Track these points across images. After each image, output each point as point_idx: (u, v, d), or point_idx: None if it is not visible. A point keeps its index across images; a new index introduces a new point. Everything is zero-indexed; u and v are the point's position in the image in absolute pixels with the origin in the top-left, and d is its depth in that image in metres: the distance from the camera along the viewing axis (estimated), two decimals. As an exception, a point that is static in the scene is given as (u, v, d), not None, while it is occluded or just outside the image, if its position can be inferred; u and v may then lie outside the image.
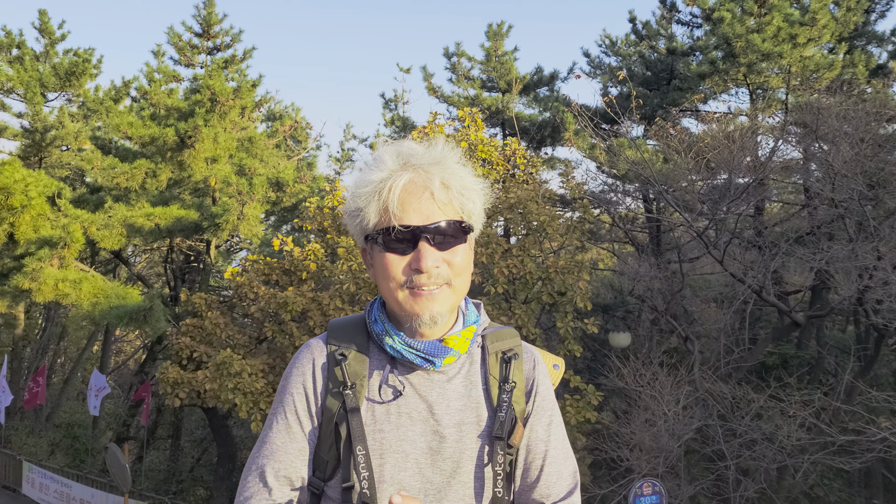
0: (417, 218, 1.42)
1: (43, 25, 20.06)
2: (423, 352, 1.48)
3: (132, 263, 23.22)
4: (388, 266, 1.44)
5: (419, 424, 1.50)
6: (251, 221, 12.24)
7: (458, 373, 1.55)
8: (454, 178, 1.47)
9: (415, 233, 1.42)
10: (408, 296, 1.44)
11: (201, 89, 13.69)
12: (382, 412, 1.49)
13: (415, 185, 1.43)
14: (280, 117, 20.49)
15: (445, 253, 1.44)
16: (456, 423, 1.51)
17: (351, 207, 1.50)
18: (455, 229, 1.45)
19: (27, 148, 19.26)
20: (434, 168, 1.46)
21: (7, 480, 17.66)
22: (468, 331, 1.54)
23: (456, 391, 1.53)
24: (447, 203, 1.45)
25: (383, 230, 1.43)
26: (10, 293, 12.15)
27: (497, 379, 1.56)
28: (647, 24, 17.62)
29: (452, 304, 1.49)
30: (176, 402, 12.15)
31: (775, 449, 10.45)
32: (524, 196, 11.59)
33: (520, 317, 11.07)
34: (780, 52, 13.30)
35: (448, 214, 1.44)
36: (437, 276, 1.44)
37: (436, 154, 1.48)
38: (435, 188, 1.43)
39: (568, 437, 6.09)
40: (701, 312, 15.36)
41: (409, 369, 1.52)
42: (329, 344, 1.55)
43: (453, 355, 1.51)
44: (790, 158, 13.51)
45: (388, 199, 1.42)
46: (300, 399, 1.52)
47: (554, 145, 18.21)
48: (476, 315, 1.60)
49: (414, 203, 1.42)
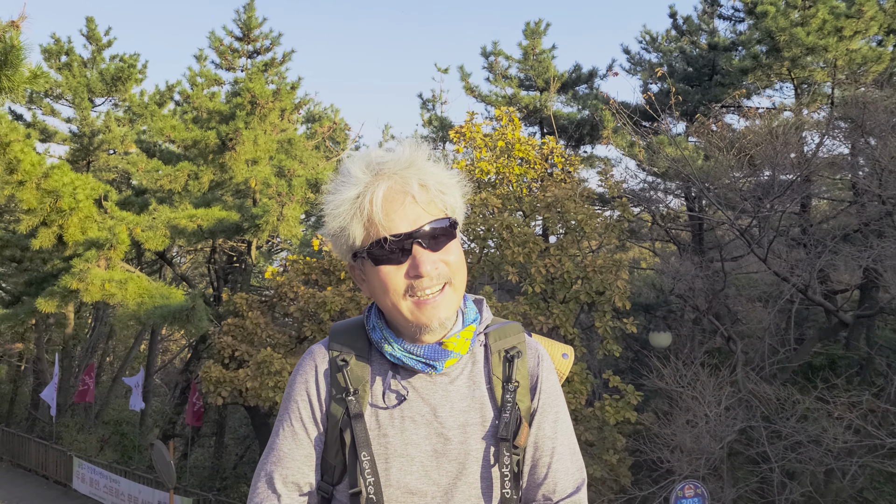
0: (405, 224, 1.40)
1: (90, 32, 20.58)
2: (423, 357, 1.48)
3: (177, 264, 23.67)
4: (386, 279, 1.43)
5: (423, 427, 1.49)
6: (290, 222, 12.37)
7: (461, 374, 1.54)
8: (430, 177, 1.45)
9: (406, 240, 1.40)
10: (412, 307, 1.43)
11: (242, 92, 13.89)
12: (386, 417, 1.50)
13: (394, 192, 1.42)
14: (319, 119, 20.71)
15: (440, 253, 1.44)
16: (460, 424, 1.51)
17: (333, 228, 1.47)
18: (443, 228, 1.44)
19: (76, 152, 19.77)
20: (408, 171, 1.44)
21: (59, 476, 18.15)
22: (467, 331, 1.53)
23: (459, 392, 1.53)
24: (429, 203, 1.44)
25: (374, 244, 1.42)
26: (60, 293, 12.46)
27: (500, 378, 1.55)
28: (688, 19, 17.37)
29: (457, 304, 1.49)
30: (218, 401, 12.36)
31: (822, 451, 10.20)
32: (561, 195, 11.51)
33: (558, 316, 11.01)
34: (825, 45, 12.98)
35: (433, 214, 1.43)
36: (437, 276, 1.43)
37: (406, 157, 1.45)
38: (414, 191, 1.42)
39: (608, 437, 6.08)
40: (745, 312, 15.08)
41: (412, 373, 1.52)
42: (331, 349, 1.55)
43: (454, 357, 1.50)
44: (837, 154, 13.20)
45: (370, 212, 1.41)
46: (305, 406, 1.53)
47: (593, 143, 18.06)
48: (475, 313, 1.59)
49: (398, 210, 1.41)
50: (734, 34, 16.74)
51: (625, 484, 11.04)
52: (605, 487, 11.02)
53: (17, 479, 18.61)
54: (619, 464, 11.00)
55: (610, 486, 11.05)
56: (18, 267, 18.41)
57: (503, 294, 14.64)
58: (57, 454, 18.27)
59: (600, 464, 10.85)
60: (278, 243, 22.56)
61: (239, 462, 20.55)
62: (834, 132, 12.87)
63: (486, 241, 12.12)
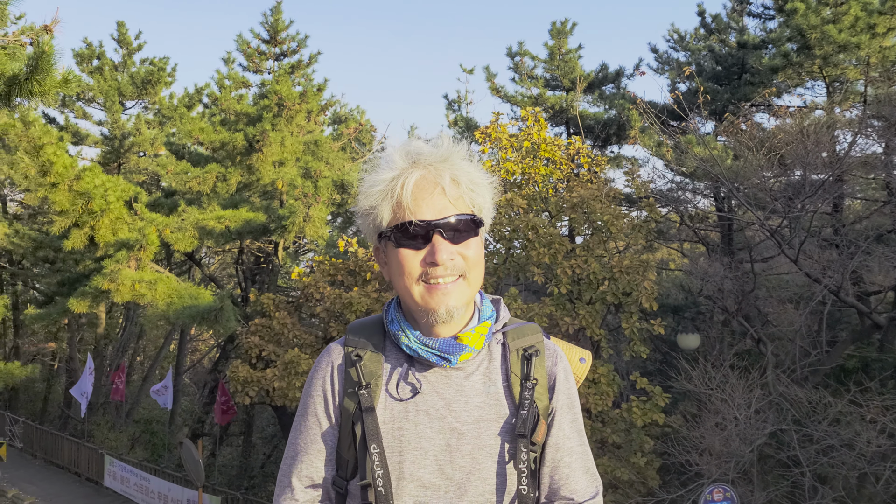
0: (430, 213, 1.46)
1: (121, 36, 20.90)
2: (438, 349, 1.51)
3: (206, 265, 23.93)
4: (403, 261, 1.48)
5: (437, 422, 1.51)
6: (317, 223, 12.46)
7: (477, 369, 1.57)
8: (463, 174, 1.50)
9: (428, 227, 1.45)
10: (423, 291, 1.48)
11: (269, 94, 14.00)
12: (401, 410, 1.52)
13: (426, 181, 1.47)
14: (345, 120, 20.80)
15: (459, 246, 1.48)
16: (474, 419, 1.52)
17: (364, 206, 1.54)
18: (467, 223, 1.49)
19: (107, 154, 20.09)
20: (442, 165, 1.49)
21: (90, 473, 18.43)
22: (483, 326, 1.56)
23: (474, 388, 1.55)
24: (458, 198, 1.49)
25: (397, 226, 1.47)
26: (91, 294, 12.67)
27: (518, 376, 1.57)
28: (716, 17, 17.17)
29: (468, 297, 1.51)
30: (246, 400, 12.46)
31: (855, 456, 10.01)
32: (587, 195, 11.44)
33: (584, 317, 10.94)
34: (857, 42, 12.75)
35: (459, 209, 1.48)
36: (453, 267, 1.47)
37: (443, 151, 1.51)
38: (445, 184, 1.47)
39: (635, 440, 6.04)
40: (776, 314, 14.85)
41: (427, 367, 1.54)
42: (347, 346, 1.60)
43: (469, 352, 1.53)
44: (870, 153, 12.95)
45: (400, 196, 1.47)
46: (320, 402, 1.58)
47: (620, 143, 17.92)
48: (491, 310, 1.62)
49: (426, 199, 1.46)
50: (764, 32, 16.52)
51: (653, 487, 10.94)
52: (632, 490, 10.93)
53: (50, 475, 18.94)
54: (647, 466, 10.90)
55: (637, 488, 10.95)
56: (52, 268, 18.76)
57: (529, 295, 14.59)
58: (89, 452, 18.56)
59: (628, 466, 10.76)
60: (305, 244, 22.72)
61: (266, 461, 20.71)
62: (867, 131, 12.63)
63: (512, 242, 12.08)
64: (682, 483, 11.09)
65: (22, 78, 4.90)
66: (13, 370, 12.21)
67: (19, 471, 18.46)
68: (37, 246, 17.13)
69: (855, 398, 10.56)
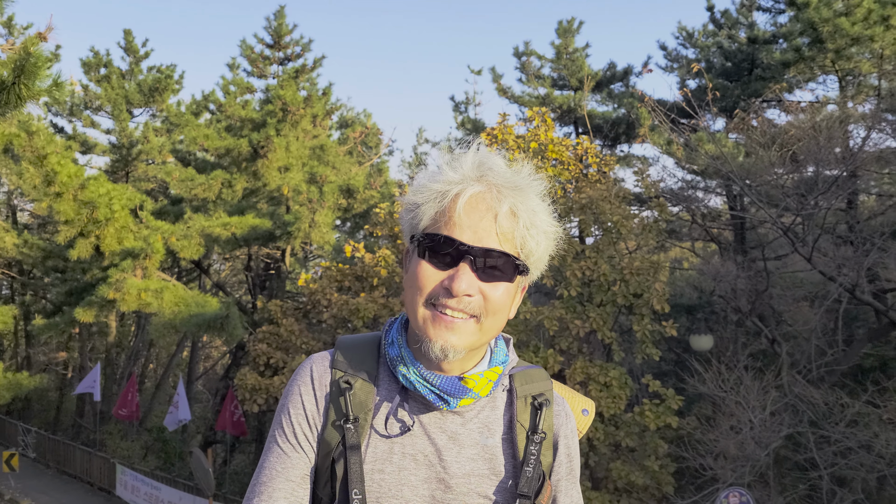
0: (469, 236, 1.26)
1: (128, 45, 20.92)
2: (437, 388, 1.31)
3: (216, 271, 23.93)
4: (421, 276, 1.29)
5: (424, 469, 1.32)
6: (322, 228, 12.35)
7: (476, 416, 1.37)
8: (525, 210, 1.30)
9: (460, 250, 1.26)
10: (428, 316, 1.28)
11: (273, 100, 13.94)
12: (385, 450, 1.33)
13: (481, 201, 1.28)
14: (351, 124, 20.73)
15: (485, 284, 1.27)
16: (465, 472, 1.33)
17: (410, 200, 1.35)
18: (505, 263, 1.28)
19: (115, 163, 20.12)
20: (509, 191, 1.29)
21: (102, 482, 18.43)
22: (493, 372, 1.37)
23: (470, 437, 1.36)
24: (508, 233, 1.28)
25: (431, 235, 1.29)
26: (98, 303, 12.64)
27: (525, 427, 1.38)
28: (725, 12, 16.96)
29: (474, 342, 1.30)
30: (254, 408, 12.38)
31: (873, 457, 9.81)
32: (596, 196, 11.28)
33: (595, 320, 10.78)
34: (871, 35, 12.52)
35: (504, 245, 1.28)
36: (468, 304, 1.27)
37: (517, 178, 1.32)
38: (501, 212, 1.27)
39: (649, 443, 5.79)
40: (790, 313, 14.63)
41: (422, 405, 1.35)
42: (335, 368, 1.39)
43: (472, 397, 1.34)
44: (885, 147, 12.72)
45: (449, 206, 1.28)
46: (298, 424, 1.36)
47: (629, 142, 17.74)
48: (506, 354, 1.42)
49: (473, 220, 1.27)
50: (774, 26, 16.30)
51: (667, 491, 10.77)
52: (646, 495, 10.76)
53: (63, 485, 18.96)
54: (662, 470, 10.73)
55: (652, 493, 10.78)
56: (61, 277, 18.78)
57: (539, 298, 14.43)
58: (101, 461, 18.56)
59: (642, 470, 10.59)
60: (313, 250, 22.66)
61: (279, 468, 20.60)
62: (881, 125, 12.41)
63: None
64: (697, 488, 10.91)
65: (9, 82, 4.83)
66: (21, 380, 12.18)
67: (32, 481, 18.48)
68: (46, 255, 17.13)
69: (872, 398, 10.37)
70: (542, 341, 11.22)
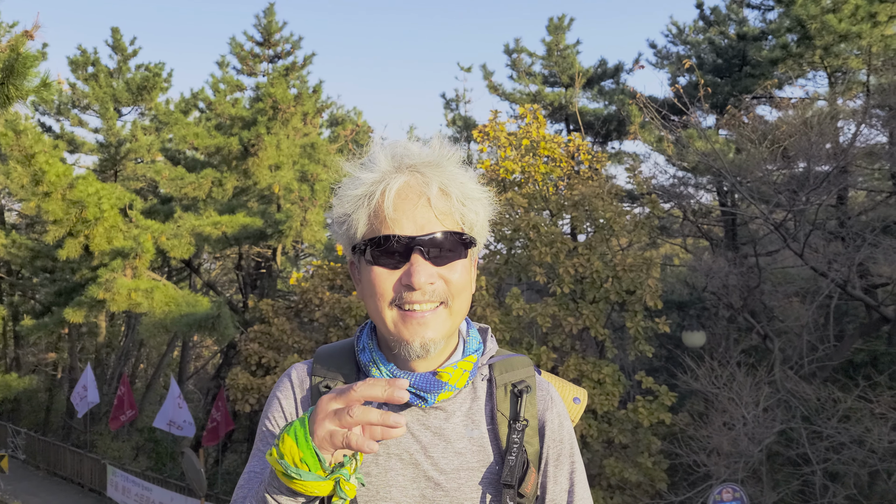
0: (411, 227, 1.25)
1: (116, 42, 20.75)
2: (413, 386, 1.29)
3: (206, 271, 23.79)
4: (376, 281, 1.27)
5: (411, 468, 1.31)
6: (314, 227, 12.29)
7: (459, 409, 1.35)
8: (454, 184, 1.29)
9: (408, 244, 1.24)
10: (397, 317, 1.27)
11: (263, 97, 13.85)
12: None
13: (410, 189, 1.26)
14: (342, 122, 20.64)
15: (442, 268, 1.27)
16: (454, 467, 1.31)
17: (338, 213, 1.33)
18: (454, 242, 1.27)
19: (103, 162, 19.97)
20: (432, 171, 1.28)
21: (93, 484, 18.30)
22: (467, 361, 1.35)
23: (455, 431, 1.34)
24: (446, 212, 1.27)
25: (372, 240, 1.26)
26: (87, 303, 12.54)
27: (506, 416, 1.35)
28: (715, 9, 16.97)
29: (449, 328, 1.30)
30: (246, 408, 12.31)
31: (865, 452, 9.84)
32: (589, 192, 11.27)
33: (588, 317, 10.77)
34: (858, 31, 12.55)
35: (446, 225, 1.27)
36: (432, 293, 1.26)
37: (434, 156, 1.30)
38: (432, 194, 1.26)
39: (642, 440, 5.70)
40: (782, 308, 14.68)
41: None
42: (314, 374, 1.38)
43: (449, 390, 1.31)
44: (875, 143, 12.78)
45: (379, 204, 1.26)
46: (278, 428, 1.36)
47: (621, 139, 17.76)
48: (479, 342, 1.40)
49: (408, 210, 1.25)
50: (764, 23, 16.32)
51: (661, 488, 10.77)
52: (640, 492, 10.76)
53: (53, 487, 18.81)
54: (655, 467, 10.74)
55: (646, 489, 10.79)
56: (50, 277, 18.63)
57: (532, 295, 14.42)
58: (91, 462, 18.43)
59: (635, 467, 10.59)
60: (304, 248, 22.57)
61: (271, 468, 20.53)
62: (871, 121, 12.45)
63: (514, 242, 11.90)
64: (690, 484, 10.92)
65: (-3, 83, 4.77)
66: (10, 381, 12.08)
67: (22, 483, 18.33)
68: (34, 255, 16.98)
69: (864, 394, 10.40)
70: (535, 338, 11.21)
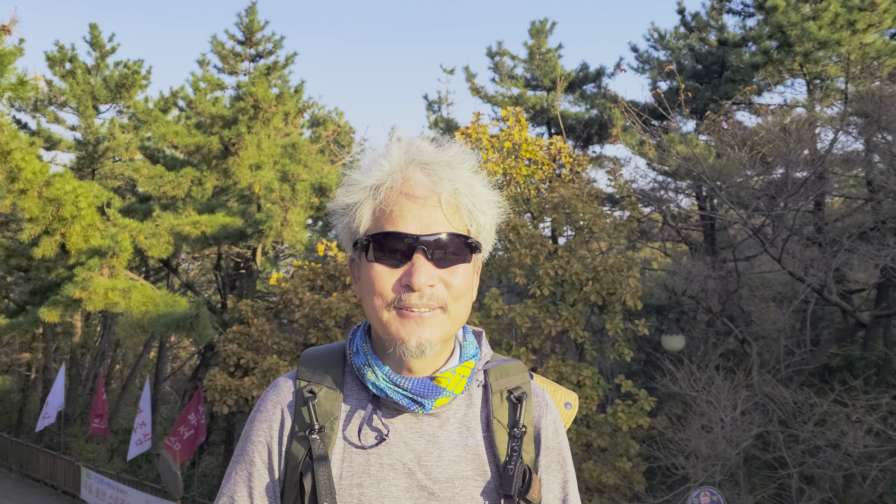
0: (416, 226, 1.22)
1: (94, 39, 20.49)
2: (410, 391, 1.26)
3: (185, 271, 23.58)
4: (375, 280, 1.23)
5: (404, 478, 1.26)
6: (294, 227, 12.21)
7: (454, 416, 1.32)
8: (466, 187, 1.27)
9: (411, 243, 1.21)
10: (394, 317, 1.23)
11: (244, 97, 13.75)
12: (361, 462, 1.27)
13: (421, 186, 1.23)
14: (323, 122, 20.56)
15: (444, 271, 1.23)
16: (448, 476, 1.28)
17: (341, 203, 1.29)
18: (459, 245, 1.25)
19: (81, 160, 19.71)
20: (445, 171, 1.25)
21: (67, 486, 18.04)
22: (465, 367, 1.31)
23: (450, 439, 1.30)
24: (454, 214, 1.25)
25: (375, 236, 1.23)
26: (63, 302, 12.37)
27: (502, 423, 1.32)
28: (696, 15, 17.12)
29: (446, 332, 1.26)
30: (224, 409, 12.19)
31: (841, 456, 9.94)
32: (569, 195, 11.30)
33: (567, 319, 10.79)
34: (837, 39, 12.71)
35: (453, 227, 1.24)
36: (431, 296, 1.22)
37: (449, 156, 1.28)
38: (443, 194, 1.23)
39: (621, 443, 5.72)
40: (759, 313, 14.80)
41: (395, 411, 1.29)
42: (299, 379, 1.33)
43: (446, 396, 1.28)
44: (851, 150, 12.94)
45: (387, 198, 1.23)
46: (261, 447, 1.31)
47: (602, 143, 17.84)
48: (475, 348, 1.37)
49: (414, 208, 1.22)
50: (744, 30, 16.49)
51: (639, 491, 10.81)
52: (618, 494, 10.79)
53: (26, 489, 18.52)
54: (633, 470, 10.77)
55: (624, 493, 10.82)
56: (25, 276, 18.37)
57: (511, 297, 14.43)
58: (65, 464, 18.17)
59: (613, 470, 10.62)
60: (284, 249, 22.43)
61: (248, 470, 20.35)
62: (848, 128, 12.60)
63: (494, 244, 11.90)
64: (668, 487, 10.97)
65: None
66: (-17, 382, 11.87)
67: (-7, 484, 18.06)
68: (9, 254, 16.74)
69: (840, 398, 10.51)
70: (515, 339, 11.22)
